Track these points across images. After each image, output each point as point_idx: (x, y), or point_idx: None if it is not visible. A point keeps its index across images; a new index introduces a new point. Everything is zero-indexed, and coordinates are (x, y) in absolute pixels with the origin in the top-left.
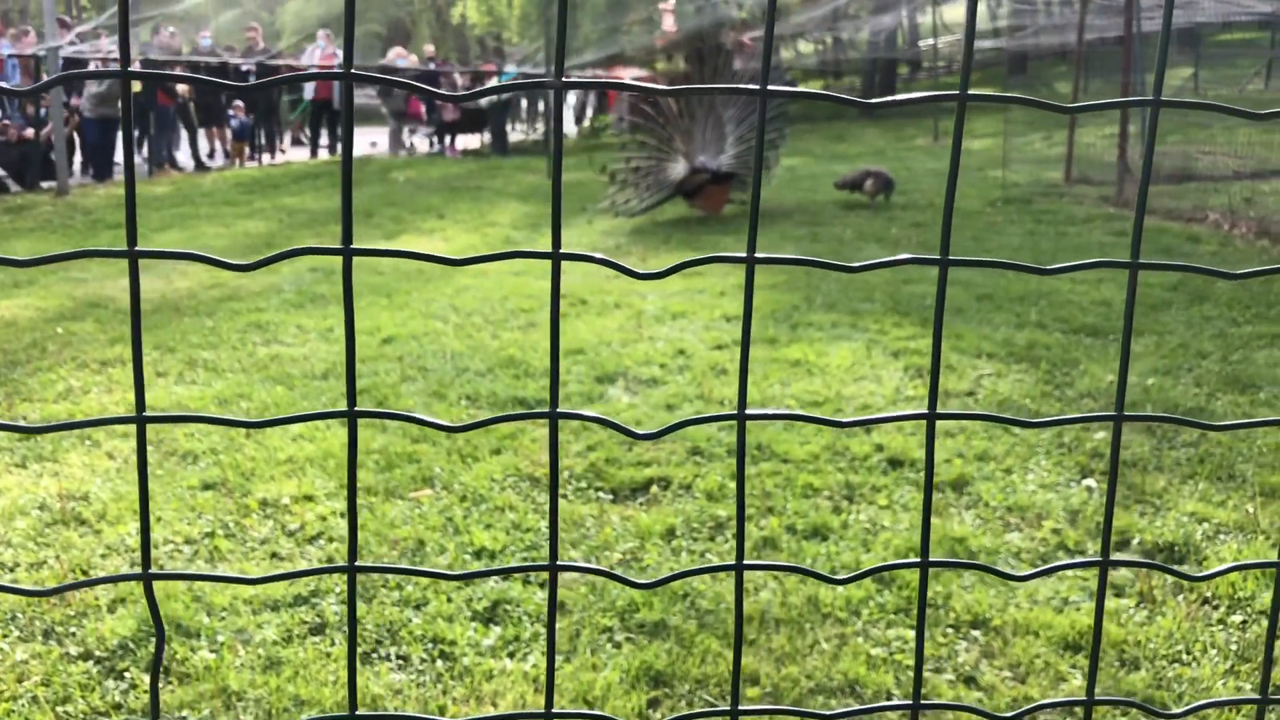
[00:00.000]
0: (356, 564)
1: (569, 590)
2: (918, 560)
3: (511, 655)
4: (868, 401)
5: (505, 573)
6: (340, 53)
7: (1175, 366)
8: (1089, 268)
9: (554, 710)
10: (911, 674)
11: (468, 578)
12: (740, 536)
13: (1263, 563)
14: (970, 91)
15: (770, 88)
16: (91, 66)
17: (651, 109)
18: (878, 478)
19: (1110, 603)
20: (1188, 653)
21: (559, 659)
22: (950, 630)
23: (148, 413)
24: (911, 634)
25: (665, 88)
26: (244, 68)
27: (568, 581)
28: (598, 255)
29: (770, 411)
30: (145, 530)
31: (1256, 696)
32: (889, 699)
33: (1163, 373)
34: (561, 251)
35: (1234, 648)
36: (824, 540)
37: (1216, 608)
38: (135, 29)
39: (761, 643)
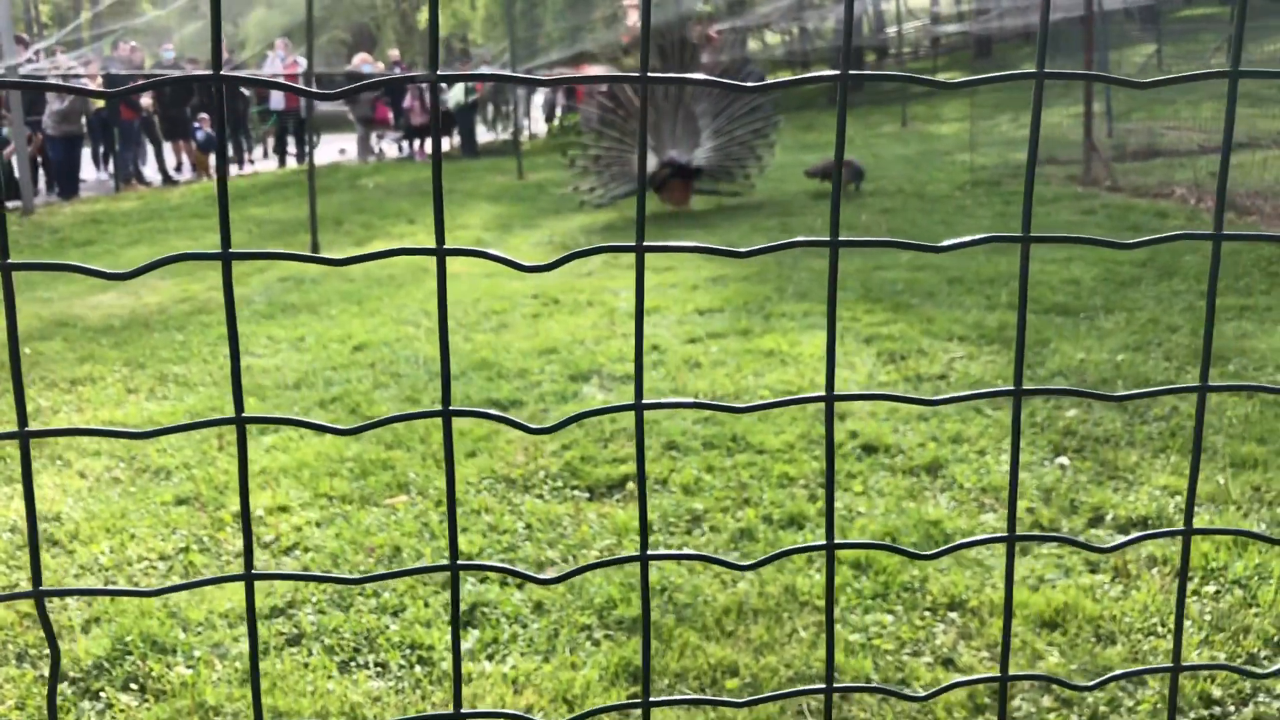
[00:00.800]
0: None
1: (548, 590)
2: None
3: (490, 657)
4: (840, 388)
5: (406, 574)
6: (302, 60)
7: (1146, 342)
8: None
9: (464, 711)
10: (891, 658)
11: (365, 581)
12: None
13: (1170, 530)
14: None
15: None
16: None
17: (610, 101)
18: (852, 464)
19: (1085, 579)
20: (1162, 624)
21: (537, 659)
22: (928, 613)
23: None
24: (890, 619)
25: (544, 79)
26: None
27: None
28: (481, 249)
29: (667, 400)
30: (33, 548)
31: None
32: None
33: (1133, 348)
34: (446, 247)
35: (1208, 618)
36: (800, 529)
37: (1190, 579)
38: (97, 44)
39: (740, 633)
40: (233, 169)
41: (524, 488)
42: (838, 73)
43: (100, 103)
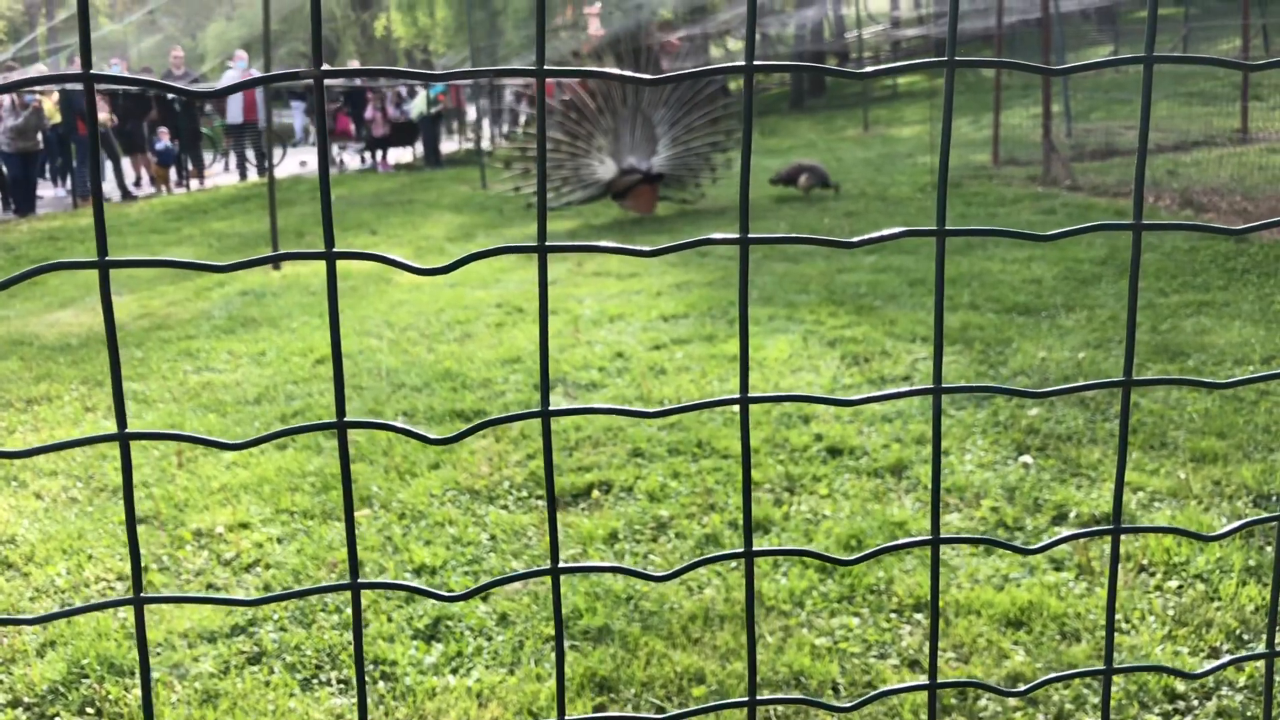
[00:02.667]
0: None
1: (512, 601)
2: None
3: (454, 671)
4: (804, 390)
5: (302, 595)
6: (257, 73)
7: (1106, 339)
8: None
9: None
10: (857, 661)
11: (256, 604)
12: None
13: (1099, 529)
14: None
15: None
16: (6, 99)
17: (562, 105)
18: (818, 468)
19: (1050, 576)
20: (1127, 621)
21: (502, 672)
22: (894, 615)
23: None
24: (856, 621)
25: (426, 72)
26: (167, 94)
27: (511, 592)
28: (375, 253)
29: (572, 408)
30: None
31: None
32: (834, 688)
33: (1094, 346)
34: (335, 250)
35: (1171, 613)
36: (766, 533)
37: (1153, 574)
38: (54, 57)
39: (706, 640)
40: (192, 183)
41: (488, 498)
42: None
43: (57, 118)
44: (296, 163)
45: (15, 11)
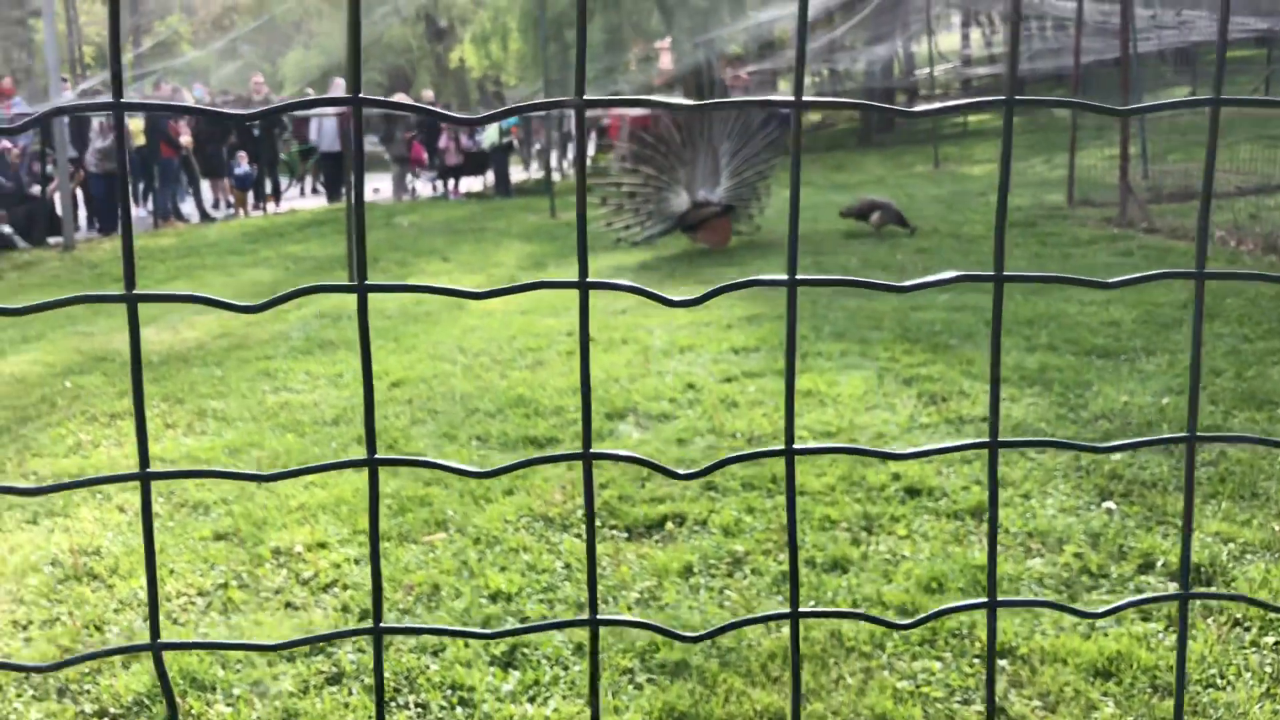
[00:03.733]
0: (382, 625)
1: (587, 631)
2: (984, 601)
3: (532, 700)
4: (881, 430)
5: (542, 630)
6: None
7: (1189, 385)
8: (1153, 279)
9: None
10: (941, 706)
11: (498, 636)
12: (794, 582)
13: (1167, 596)
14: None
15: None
16: (94, 123)
17: (652, 138)
18: (896, 508)
19: (1138, 627)
20: (1221, 676)
21: (579, 703)
22: (976, 660)
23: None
24: (938, 665)
25: (676, 101)
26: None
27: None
28: (624, 282)
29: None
30: (153, 598)
31: None
32: None
33: (1177, 391)
34: (589, 280)
35: (1269, 669)
36: (844, 573)
37: (1248, 629)
38: (139, 84)
39: (785, 679)
40: (270, 206)
41: (562, 526)
42: (1002, 98)
43: (142, 140)
44: (370, 190)
45: (104, 39)
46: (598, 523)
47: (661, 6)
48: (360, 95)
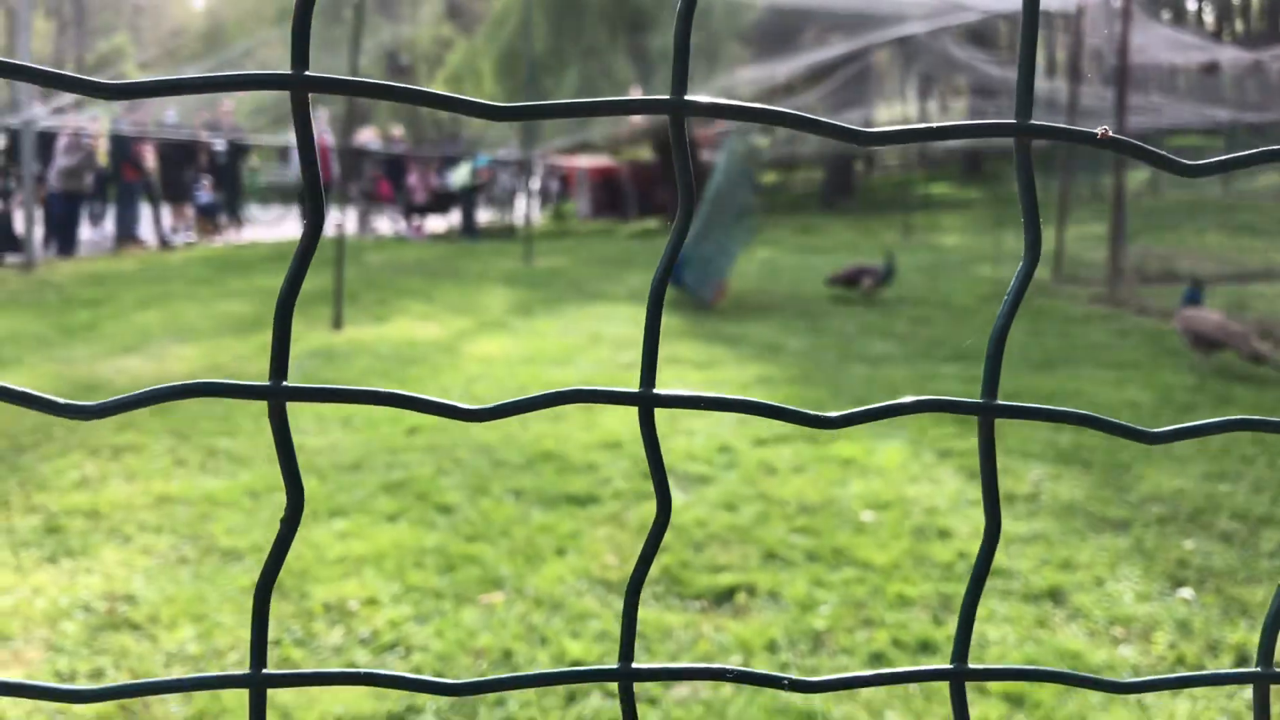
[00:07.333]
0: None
1: (682, 709)
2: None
3: None
4: (933, 504)
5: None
6: (329, 130)
7: (1225, 471)
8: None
9: None
10: None
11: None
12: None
13: (1240, 674)
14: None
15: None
16: (63, 140)
17: (602, 192)
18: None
19: None
20: None
21: None
22: None
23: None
24: None
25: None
26: (215, 145)
27: (681, 699)
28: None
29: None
30: (261, 632)
31: None
32: None
33: (1216, 478)
34: (655, 392)
35: None
36: (931, 653)
37: None
38: (108, 104)
39: None
40: (229, 234)
41: (624, 592)
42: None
43: (105, 161)
44: (331, 225)
45: (48, 56)
46: (661, 589)
47: (638, 60)
48: (307, 74)
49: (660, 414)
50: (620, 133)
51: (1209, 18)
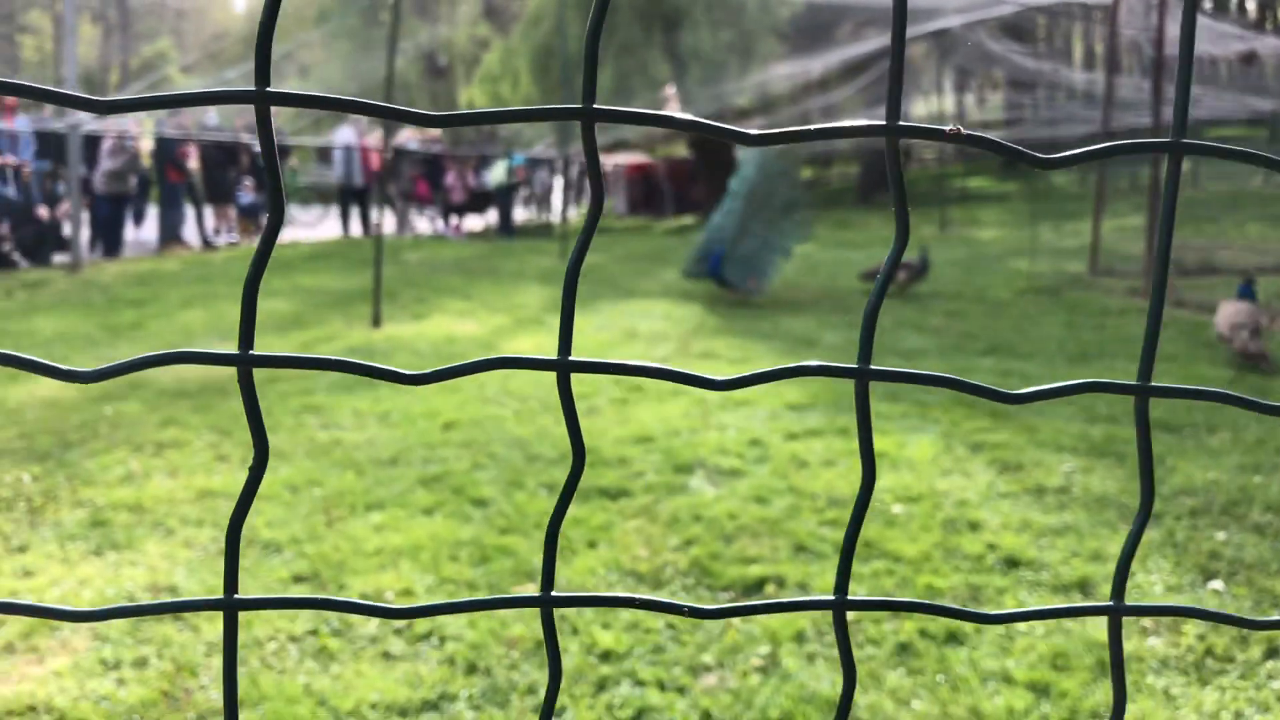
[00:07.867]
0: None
1: (713, 699)
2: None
3: None
4: (964, 497)
5: (494, 606)
6: (367, 132)
7: (1260, 463)
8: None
9: None
10: None
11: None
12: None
13: None
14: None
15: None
16: (107, 143)
17: (641, 190)
18: (998, 579)
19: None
20: None
21: None
22: None
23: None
24: None
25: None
26: (256, 147)
27: (709, 688)
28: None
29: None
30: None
31: None
32: None
33: (1251, 470)
34: (570, 359)
35: None
36: (961, 645)
37: None
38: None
39: None
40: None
41: (654, 583)
42: (1167, 140)
43: (149, 163)
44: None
45: (92, 60)
46: (691, 581)
47: (672, 57)
48: (269, 90)
49: (694, 409)
50: (656, 130)
51: (1251, 4)
